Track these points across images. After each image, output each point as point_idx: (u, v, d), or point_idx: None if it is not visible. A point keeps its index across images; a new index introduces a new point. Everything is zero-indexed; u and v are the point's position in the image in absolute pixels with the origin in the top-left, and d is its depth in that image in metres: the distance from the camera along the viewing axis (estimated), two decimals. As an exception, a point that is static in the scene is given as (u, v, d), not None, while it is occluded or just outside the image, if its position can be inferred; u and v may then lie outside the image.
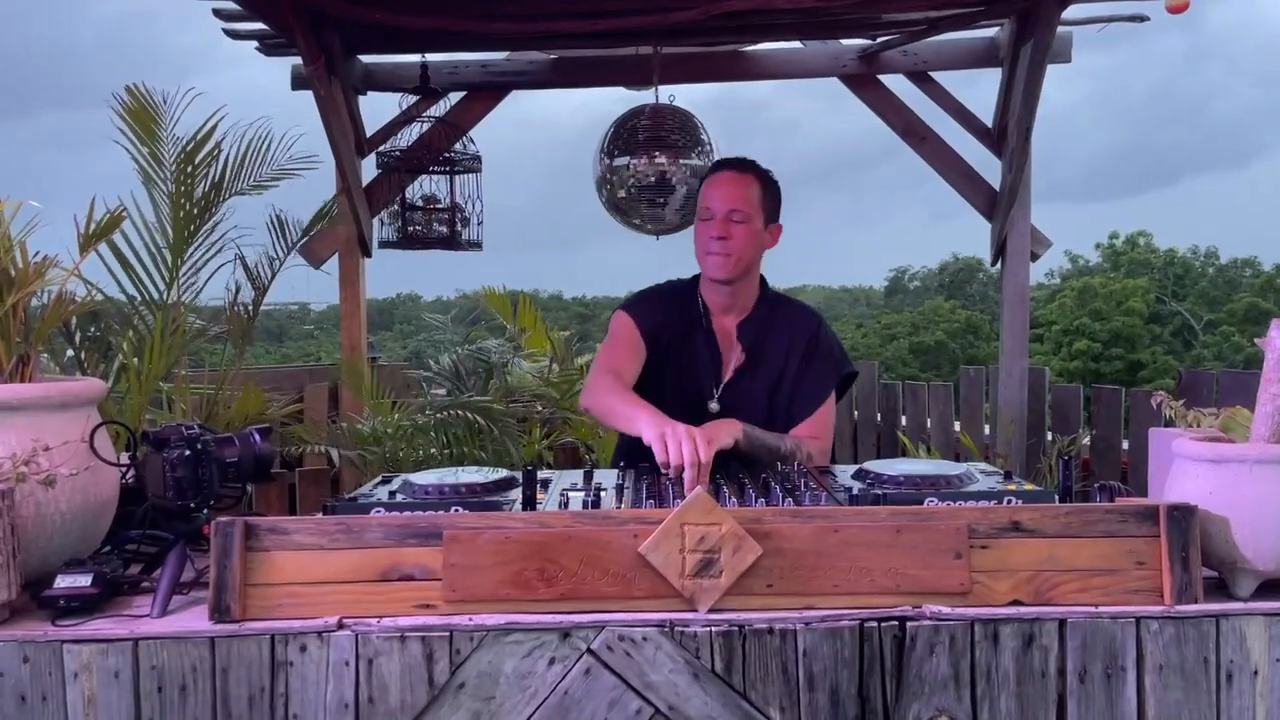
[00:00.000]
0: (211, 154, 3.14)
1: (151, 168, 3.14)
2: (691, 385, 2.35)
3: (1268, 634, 1.50)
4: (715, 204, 2.29)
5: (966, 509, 1.58)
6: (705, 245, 2.31)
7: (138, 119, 3.08)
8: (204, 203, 3.14)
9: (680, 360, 2.36)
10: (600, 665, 1.47)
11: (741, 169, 2.34)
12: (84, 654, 1.47)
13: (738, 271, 2.32)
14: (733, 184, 2.30)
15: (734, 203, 2.28)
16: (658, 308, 2.40)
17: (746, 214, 2.29)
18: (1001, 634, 1.49)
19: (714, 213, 2.29)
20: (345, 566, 1.52)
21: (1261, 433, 1.58)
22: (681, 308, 2.40)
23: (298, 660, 1.47)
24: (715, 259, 2.30)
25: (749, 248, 2.31)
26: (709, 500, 1.54)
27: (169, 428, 1.64)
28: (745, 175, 2.32)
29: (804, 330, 2.39)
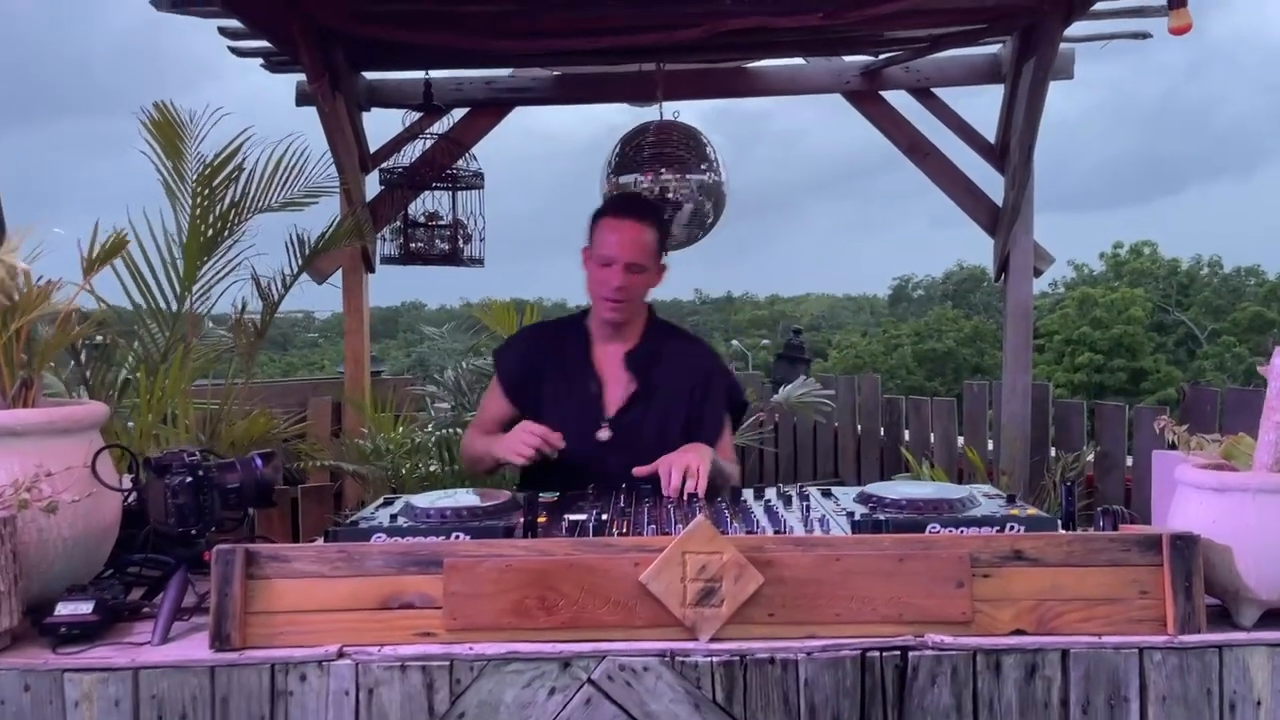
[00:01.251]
0: (231, 175, 3.15)
1: (175, 183, 3.16)
2: (577, 414, 2.36)
3: (1270, 664, 1.49)
4: (616, 252, 2.30)
5: (968, 537, 1.57)
6: (601, 290, 2.33)
7: (164, 134, 3.10)
8: (221, 222, 3.16)
9: (563, 391, 2.39)
10: (601, 695, 1.47)
11: (642, 217, 2.36)
12: (85, 682, 1.47)
13: (630, 315, 2.39)
14: (635, 233, 2.32)
15: (635, 255, 2.31)
16: (516, 350, 2.52)
17: (644, 265, 2.33)
18: (1004, 664, 1.49)
19: (614, 261, 2.30)
20: (346, 594, 1.52)
21: (1265, 461, 1.57)
22: (558, 342, 2.45)
23: (298, 689, 1.46)
24: (609, 305, 2.34)
25: (642, 295, 2.39)
26: (710, 528, 1.54)
27: (171, 454, 1.64)
28: (646, 223, 2.35)
29: (697, 364, 2.45)
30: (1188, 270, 33.22)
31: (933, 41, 3.92)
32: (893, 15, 3.43)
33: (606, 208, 2.43)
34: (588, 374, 2.40)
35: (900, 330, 31.66)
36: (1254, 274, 33.67)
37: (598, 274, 2.33)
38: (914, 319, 33.71)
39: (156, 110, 2.99)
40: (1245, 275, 33.90)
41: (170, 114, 3.00)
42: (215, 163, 3.01)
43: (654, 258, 2.36)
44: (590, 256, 2.37)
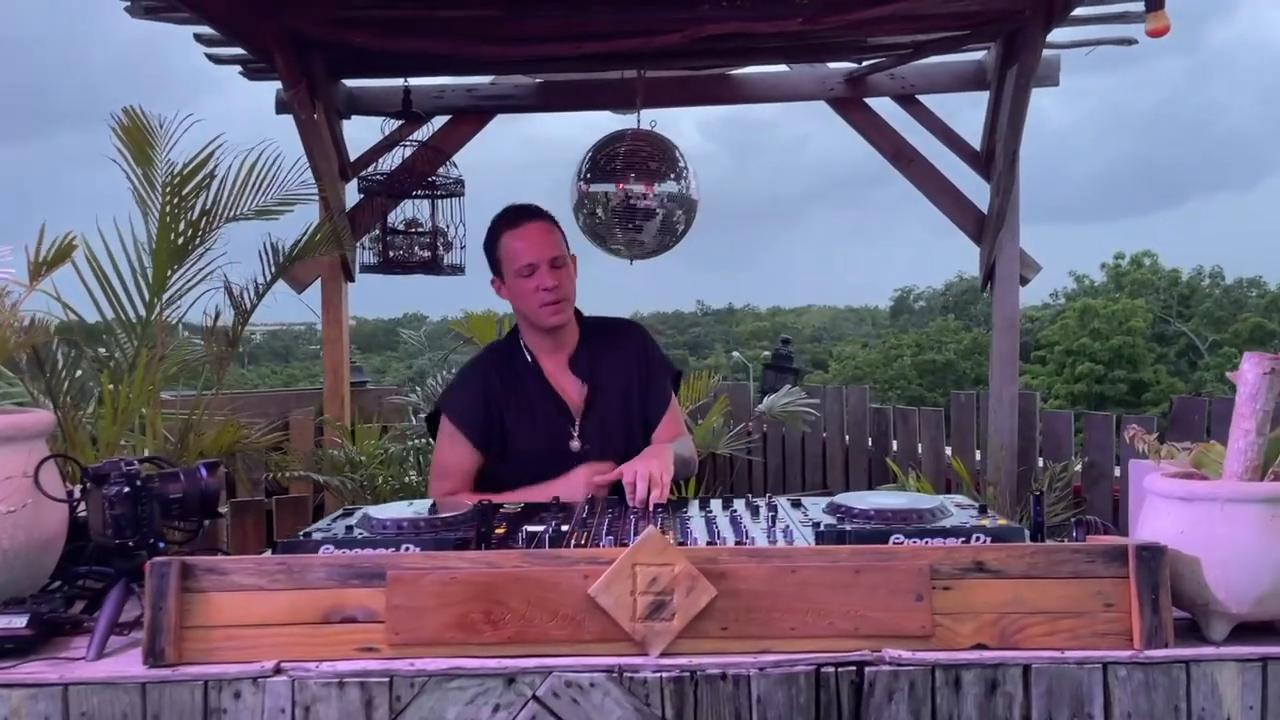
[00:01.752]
0: (202, 183, 3.10)
1: (145, 190, 3.11)
2: (547, 432, 2.34)
3: (1240, 680, 1.44)
4: (535, 255, 2.28)
5: (929, 549, 1.53)
6: (537, 298, 2.28)
7: (133, 141, 3.05)
8: (192, 231, 3.11)
9: (526, 416, 2.35)
10: (546, 713, 1.42)
11: (539, 216, 2.35)
12: (13, 698, 1.42)
13: (569, 314, 2.36)
14: (542, 232, 2.31)
15: (552, 249, 2.30)
16: (466, 394, 2.40)
17: (563, 258, 2.32)
18: (964, 680, 1.44)
19: (536, 264, 2.27)
20: (286, 608, 1.47)
21: (1234, 469, 1.53)
22: (502, 373, 2.38)
23: (231, 707, 1.41)
24: (551, 308, 2.29)
25: (572, 287, 2.36)
26: (661, 539, 1.49)
27: (108, 463, 1.59)
28: (546, 222, 2.34)
29: (634, 347, 2.44)
30: (1189, 281, 33.18)
31: (916, 48, 3.89)
32: (873, 21, 3.41)
33: (498, 225, 2.36)
34: (545, 392, 2.37)
35: (901, 341, 31.61)
36: (1255, 285, 33.63)
37: (525, 286, 2.28)
38: (915, 330, 33.66)
39: (126, 116, 2.95)
40: (1247, 286, 33.86)
41: (139, 120, 2.97)
42: (185, 170, 2.98)
43: (565, 249, 2.35)
44: (508, 279, 2.32)
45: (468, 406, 2.37)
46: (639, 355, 2.43)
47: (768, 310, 53.11)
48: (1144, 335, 27.31)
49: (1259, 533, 1.45)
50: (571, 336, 2.40)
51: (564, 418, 2.36)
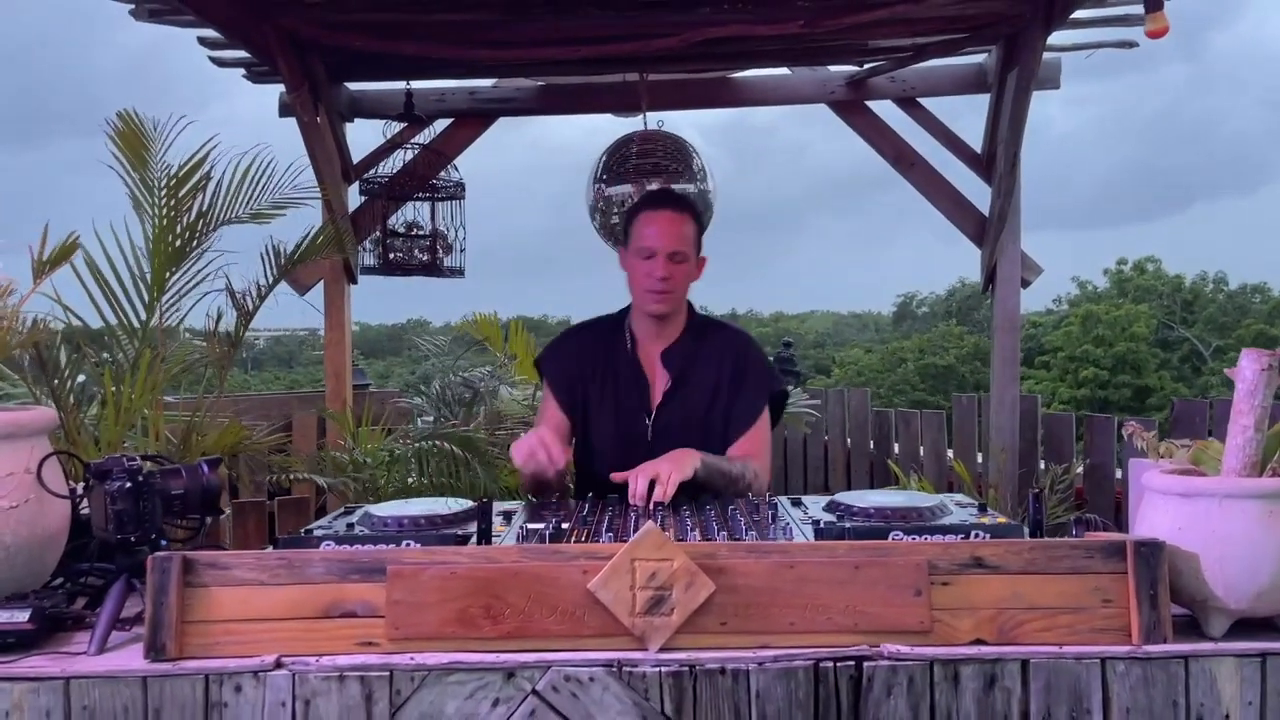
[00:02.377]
0: (198, 185, 3.12)
1: (141, 194, 3.12)
2: (625, 414, 2.38)
3: (1239, 676, 1.44)
4: (656, 243, 2.30)
5: (927, 544, 1.53)
6: (645, 283, 2.33)
7: (129, 144, 3.07)
8: (189, 233, 3.12)
9: (609, 392, 2.40)
10: (546, 707, 1.42)
11: (679, 208, 2.37)
12: (15, 692, 1.42)
13: (675, 306, 2.38)
14: (673, 224, 2.32)
15: (676, 244, 2.31)
16: (563, 354, 2.47)
17: (686, 254, 2.33)
18: (962, 675, 1.44)
19: (655, 252, 2.30)
20: (286, 603, 1.48)
21: (1232, 465, 1.53)
22: (601, 344, 2.44)
23: (232, 701, 1.42)
24: (655, 297, 2.33)
25: (686, 285, 2.38)
26: (661, 535, 1.49)
27: (111, 459, 1.60)
28: (684, 214, 2.35)
29: (730, 352, 2.42)
30: (1192, 287, 33.14)
31: (916, 51, 3.90)
32: (873, 24, 3.42)
33: (642, 202, 2.44)
34: (635, 372, 2.40)
35: (904, 345, 31.61)
36: (1259, 291, 33.58)
37: (640, 268, 2.33)
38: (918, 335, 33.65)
39: (120, 120, 2.97)
40: (1251, 292, 33.81)
41: (134, 123, 2.98)
42: (181, 173, 2.99)
43: (693, 248, 2.36)
44: (629, 254, 2.36)
45: (557, 365, 2.46)
46: (734, 362, 2.41)
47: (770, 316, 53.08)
48: (1147, 341, 27.28)
49: (1257, 528, 1.46)
50: (674, 329, 2.42)
51: (643, 403, 2.38)
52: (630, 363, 2.41)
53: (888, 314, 48.93)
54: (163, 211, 3.00)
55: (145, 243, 3.06)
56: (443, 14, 3.37)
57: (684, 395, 2.38)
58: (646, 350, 2.42)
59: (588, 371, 2.42)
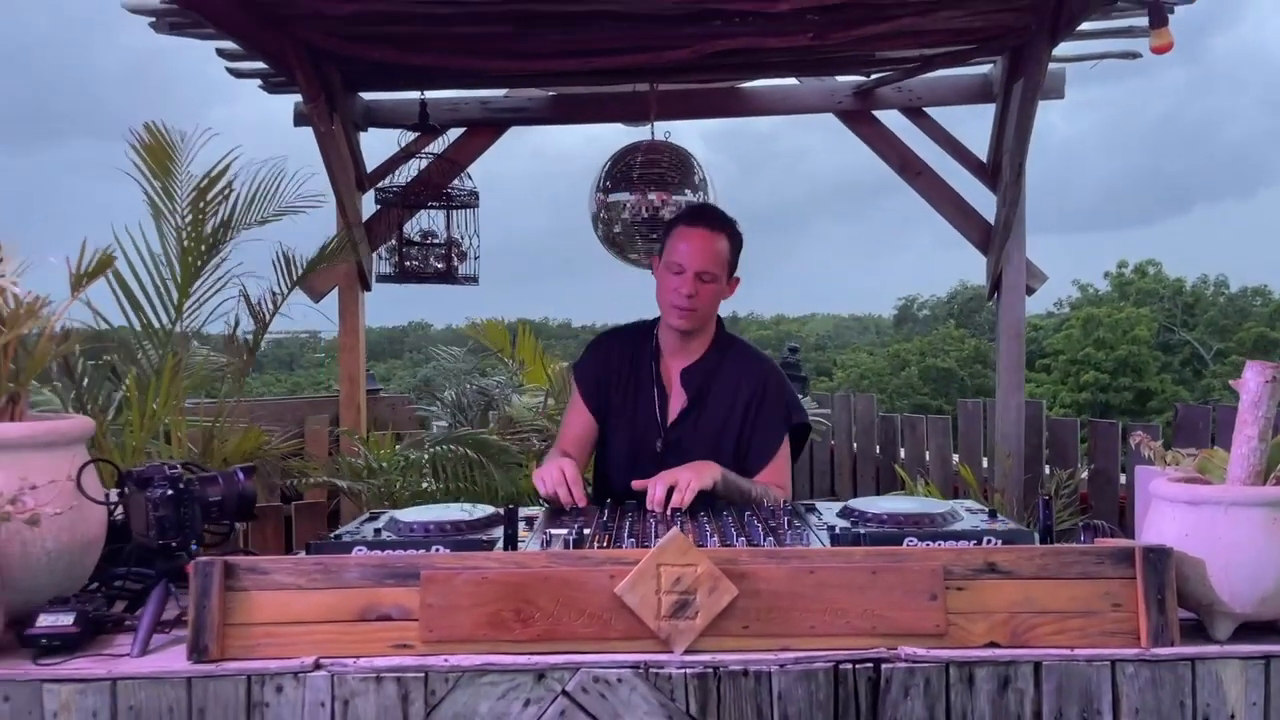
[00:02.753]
0: (222, 193, 3.19)
1: (163, 202, 3.19)
2: (640, 425, 2.40)
3: (1244, 678, 1.49)
4: (687, 260, 2.30)
5: (942, 550, 1.58)
6: (671, 298, 2.32)
7: (153, 155, 3.14)
8: (212, 239, 3.19)
9: (629, 401, 2.42)
10: (575, 707, 1.48)
11: (715, 226, 2.35)
12: (63, 693, 1.48)
13: (699, 324, 2.38)
14: (706, 241, 2.31)
15: (706, 264, 2.30)
16: (595, 363, 2.48)
17: (715, 275, 2.32)
18: (977, 676, 1.49)
19: (684, 268, 2.30)
20: (323, 606, 1.53)
21: (1237, 474, 1.58)
22: (632, 352, 2.45)
23: (274, 701, 1.47)
24: (679, 313, 2.32)
25: (713, 305, 2.37)
26: (685, 541, 1.55)
27: (152, 467, 1.65)
28: (718, 234, 2.33)
29: (751, 380, 2.40)
30: (1193, 290, 33.17)
31: (923, 62, 3.95)
32: (882, 36, 3.47)
33: (680, 217, 2.43)
34: (654, 385, 2.40)
35: (906, 347, 31.65)
36: (1260, 294, 33.60)
37: (668, 282, 2.33)
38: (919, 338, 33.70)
39: (147, 132, 3.03)
40: (1251, 295, 33.83)
41: (161, 136, 3.05)
42: (204, 183, 3.05)
43: (724, 268, 2.34)
44: (661, 265, 2.37)
45: (587, 370, 2.48)
46: (755, 391, 2.38)
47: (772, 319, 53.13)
48: (1149, 344, 27.31)
49: (1262, 535, 1.51)
50: (700, 345, 2.41)
51: (659, 417, 2.39)
52: (652, 374, 2.41)
53: (888, 317, 48.96)
54: (187, 220, 3.06)
55: (163, 250, 3.12)
56: (459, 26, 3.43)
57: (699, 414, 2.38)
58: (669, 364, 2.43)
59: (614, 378, 2.44)
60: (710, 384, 2.40)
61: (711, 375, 2.41)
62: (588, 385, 2.46)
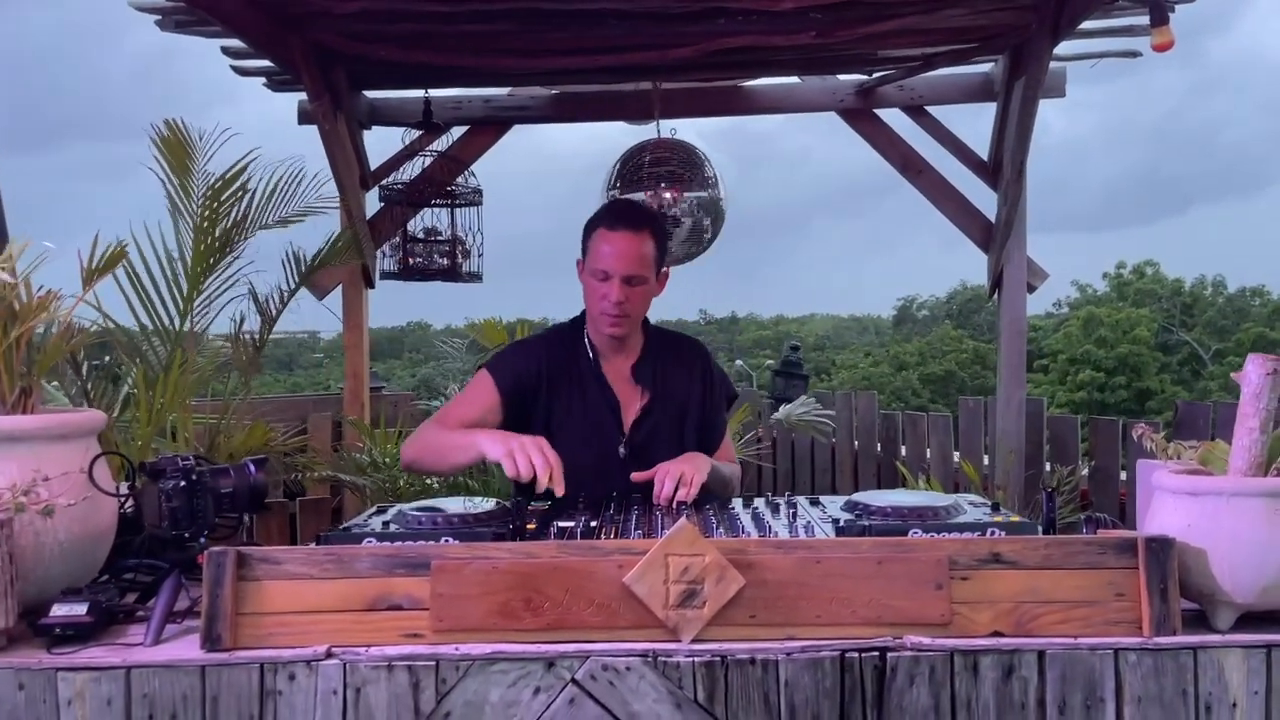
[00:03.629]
0: (236, 194, 3.22)
1: (180, 199, 3.22)
2: (595, 434, 2.29)
3: (1246, 666, 1.51)
4: (612, 266, 2.20)
5: (947, 540, 1.60)
6: (599, 305, 2.23)
7: (172, 151, 3.17)
8: (224, 239, 3.22)
9: (576, 408, 2.31)
10: (584, 695, 1.49)
11: (638, 226, 2.25)
12: (77, 681, 1.49)
13: (631, 329, 2.31)
14: (630, 244, 2.21)
15: (632, 267, 2.21)
16: (521, 359, 2.33)
17: (644, 276, 2.24)
18: (981, 665, 1.51)
19: (610, 274, 2.20)
20: (335, 596, 1.55)
21: (1239, 466, 1.60)
22: (560, 354, 2.33)
23: (286, 689, 1.49)
24: (610, 320, 2.24)
25: (643, 307, 2.30)
26: (693, 531, 1.56)
27: (165, 459, 1.67)
28: (642, 233, 2.24)
29: (697, 362, 2.41)
30: (1191, 290, 33.22)
31: (925, 60, 3.97)
32: (885, 34, 3.49)
33: (599, 217, 2.29)
34: (603, 389, 2.32)
35: (905, 348, 31.68)
36: (1258, 294, 33.65)
37: (595, 289, 2.23)
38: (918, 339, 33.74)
39: (167, 128, 3.06)
40: (1250, 296, 33.87)
41: (180, 132, 3.09)
42: (221, 182, 3.08)
43: (652, 267, 2.26)
44: (584, 269, 2.27)
45: (510, 369, 2.30)
46: (703, 376, 2.39)
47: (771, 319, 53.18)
48: (1149, 344, 27.35)
49: (1263, 526, 1.53)
50: (636, 343, 2.36)
51: (615, 422, 2.32)
52: (596, 378, 2.32)
53: (888, 317, 49.02)
54: (204, 218, 3.09)
55: (179, 247, 3.15)
56: (465, 25, 3.44)
57: (659, 410, 2.33)
58: (611, 367, 2.34)
59: (549, 382, 2.31)
60: (663, 373, 2.35)
61: (661, 364, 2.36)
62: (509, 386, 2.27)
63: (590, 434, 2.29)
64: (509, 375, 2.29)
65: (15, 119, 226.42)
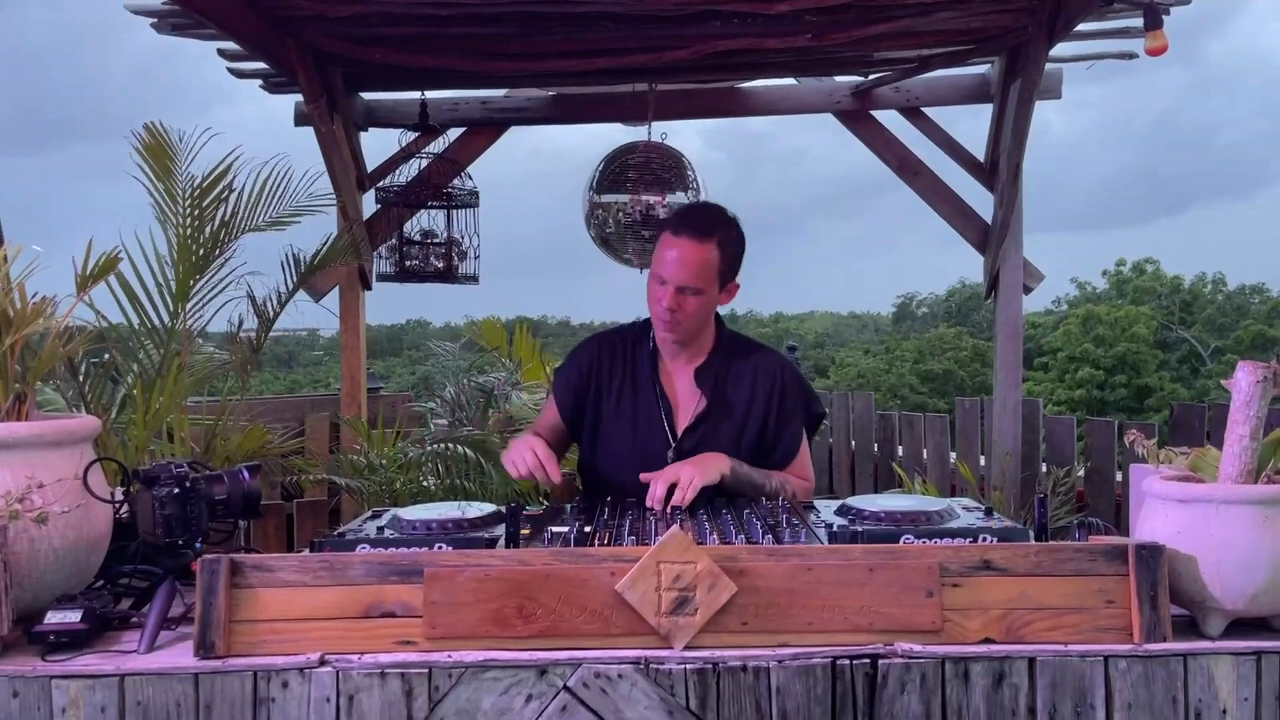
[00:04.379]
0: (221, 196, 3.20)
1: (166, 204, 3.21)
2: (644, 433, 2.30)
3: (1235, 673, 1.52)
4: (668, 273, 2.19)
5: (938, 548, 1.60)
6: (655, 308, 2.24)
7: (154, 155, 3.15)
8: (212, 242, 3.21)
9: (626, 407, 2.32)
10: (577, 702, 1.50)
11: (702, 235, 2.20)
12: (71, 689, 1.50)
13: (687, 336, 2.29)
14: (690, 253, 2.18)
15: (687, 278, 2.19)
16: (574, 364, 2.38)
17: (700, 288, 2.21)
18: (972, 672, 1.52)
19: (667, 281, 2.19)
20: (328, 603, 1.55)
21: (1229, 473, 1.60)
22: (620, 355, 2.35)
23: (280, 696, 1.49)
24: (662, 325, 2.24)
25: (699, 317, 2.26)
26: (685, 538, 1.57)
27: (159, 466, 1.68)
28: (706, 243, 2.20)
29: (768, 376, 2.33)
30: (1191, 288, 33.22)
31: (921, 62, 3.97)
32: (880, 36, 3.49)
33: (668, 221, 2.31)
34: (655, 392, 2.31)
35: (904, 346, 31.68)
36: (1258, 292, 33.66)
37: (653, 290, 2.24)
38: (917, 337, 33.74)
39: (147, 132, 3.05)
40: (1249, 293, 33.88)
41: (160, 135, 3.07)
42: (204, 184, 3.08)
43: (712, 278, 2.22)
44: (651, 270, 2.27)
45: (569, 376, 2.37)
46: (774, 388, 2.32)
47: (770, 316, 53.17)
48: (1147, 342, 27.36)
49: (1253, 533, 1.53)
50: (701, 346, 2.33)
51: (666, 424, 2.30)
52: (651, 380, 2.32)
53: (887, 314, 49.00)
54: (187, 220, 3.08)
55: (169, 250, 3.14)
56: (460, 27, 3.45)
57: (717, 417, 2.30)
58: (672, 368, 2.34)
59: (602, 383, 2.34)
60: (726, 382, 2.32)
61: (725, 373, 2.32)
62: (564, 390, 2.37)
63: (637, 432, 2.30)
64: (562, 387, 2.39)
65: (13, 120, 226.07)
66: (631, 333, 2.41)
